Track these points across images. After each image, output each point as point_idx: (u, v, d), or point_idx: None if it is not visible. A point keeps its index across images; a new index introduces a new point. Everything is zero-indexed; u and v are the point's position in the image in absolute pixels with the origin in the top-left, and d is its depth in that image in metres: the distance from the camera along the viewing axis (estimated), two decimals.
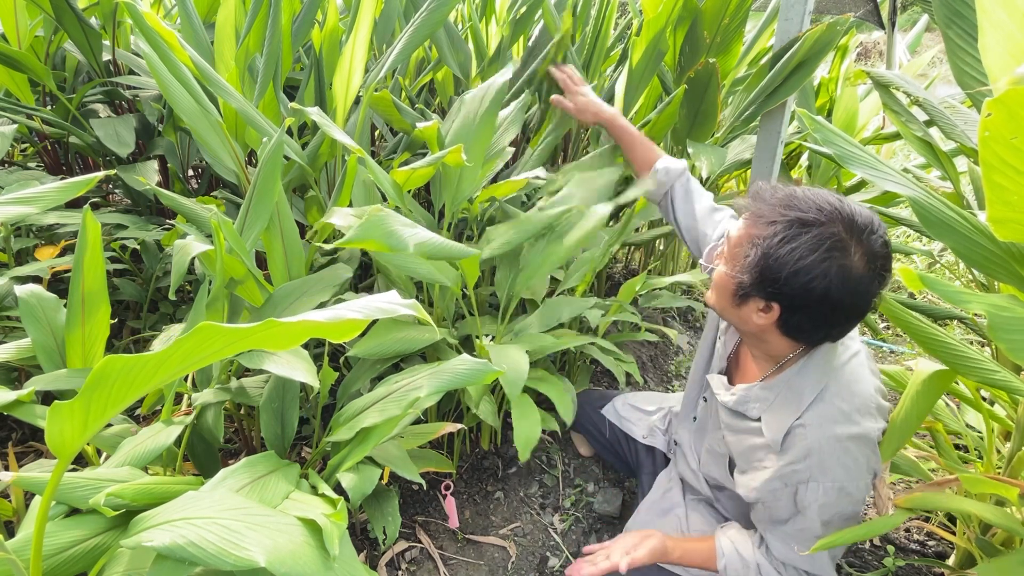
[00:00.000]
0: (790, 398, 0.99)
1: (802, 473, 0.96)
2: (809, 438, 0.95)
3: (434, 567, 1.37)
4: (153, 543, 0.64)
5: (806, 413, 0.96)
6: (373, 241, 0.90)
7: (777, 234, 0.88)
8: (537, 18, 2.34)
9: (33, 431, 1.53)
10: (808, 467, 0.95)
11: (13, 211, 1.01)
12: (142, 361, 0.54)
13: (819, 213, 0.88)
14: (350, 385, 1.31)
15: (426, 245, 0.95)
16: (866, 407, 0.97)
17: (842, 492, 0.95)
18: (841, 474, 0.94)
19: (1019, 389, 0.87)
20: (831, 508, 0.96)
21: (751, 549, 1.07)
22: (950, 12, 1.13)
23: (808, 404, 0.97)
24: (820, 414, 0.96)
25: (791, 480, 0.97)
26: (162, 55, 1.20)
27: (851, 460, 0.94)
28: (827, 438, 0.94)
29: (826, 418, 0.95)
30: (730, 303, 0.98)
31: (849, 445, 0.94)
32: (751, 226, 0.93)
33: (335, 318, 0.56)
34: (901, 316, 0.94)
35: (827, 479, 0.94)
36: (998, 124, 0.65)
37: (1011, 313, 0.75)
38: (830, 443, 0.94)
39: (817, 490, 0.95)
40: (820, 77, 2.71)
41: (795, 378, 0.99)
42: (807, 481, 0.96)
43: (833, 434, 0.94)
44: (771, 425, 1.00)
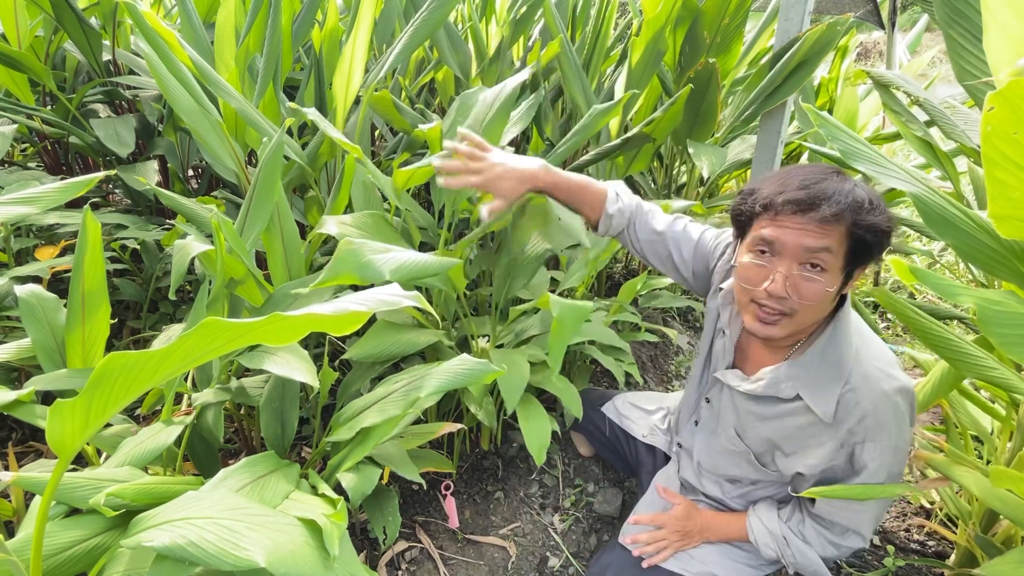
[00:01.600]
0: (828, 368, 0.99)
1: (858, 435, 0.98)
2: (862, 400, 0.96)
3: (434, 567, 1.37)
4: (153, 543, 0.64)
5: (852, 378, 0.97)
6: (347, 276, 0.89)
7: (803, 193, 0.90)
8: (537, 18, 2.34)
9: (33, 431, 1.53)
10: (864, 428, 0.97)
11: (13, 211, 1.01)
12: (144, 358, 0.54)
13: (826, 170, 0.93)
14: (350, 385, 1.31)
15: (403, 269, 0.92)
16: (895, 361, 1.00)
17: (896, 450, 0.98)
18: (895, 430, 0.97)
19: (1018, 387, 0.87)
20: (886, 467, 0.99)
21: (777, 522, 1.11)
22: (952, 11, 1.12)
23: (849, 368, 0.98)
24: (865, 375, 0.97)
25: (848, 442, 1.00)
26: (162, 55, 1.20)
27: (901, 415, 0.97)
28: (879, 396, 0.96)
29: (872, 378, 0.97)
30: (825, 305, 0.96)
31: (898, 400, 0.96)
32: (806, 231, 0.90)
33: (339, 311, 0.56)
34: (903, 311, 0.94)
35: (883, 436, 0.97)
36: (1000, 119, 0.65)
37: (1002, 307, 0.75)
38: (883, 400, 0.96)
39: (874, 450, 0.98)
40: (820, 77, 2.72)
41: (827, 348, 0.99)
42: (863, 442, 0.98)
43: (883, 391, 0.96)
44: (818, 399, 0.99)
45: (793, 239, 0.91)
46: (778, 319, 0.95)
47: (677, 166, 2.42)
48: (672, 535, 1.18)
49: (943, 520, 1.50)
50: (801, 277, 0.92)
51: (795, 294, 0.92)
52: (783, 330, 0.96)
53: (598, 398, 1.59)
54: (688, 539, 1.18)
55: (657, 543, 1.18)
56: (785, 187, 0.92)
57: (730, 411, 1.15)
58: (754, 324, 0.99)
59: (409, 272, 0.94)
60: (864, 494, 0.95)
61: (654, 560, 1.16)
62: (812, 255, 0.90)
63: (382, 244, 0.94)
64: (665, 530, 1.19)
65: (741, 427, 1.13)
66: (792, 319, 0.95)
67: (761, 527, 1.12)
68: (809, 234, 0.89)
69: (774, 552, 1.10)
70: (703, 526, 1.19)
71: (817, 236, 0.89)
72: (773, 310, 0.95)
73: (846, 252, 0.91)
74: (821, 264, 0.90)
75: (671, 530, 1.18)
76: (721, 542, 1.19)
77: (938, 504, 1.54)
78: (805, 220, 0.89)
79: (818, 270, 0.91)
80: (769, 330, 0.97)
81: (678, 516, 1.20)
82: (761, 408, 1.08)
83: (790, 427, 1.05)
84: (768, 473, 1.13)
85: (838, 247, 0.90)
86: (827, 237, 0.89)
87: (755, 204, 0.95)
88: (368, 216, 1.27)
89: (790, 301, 0.93)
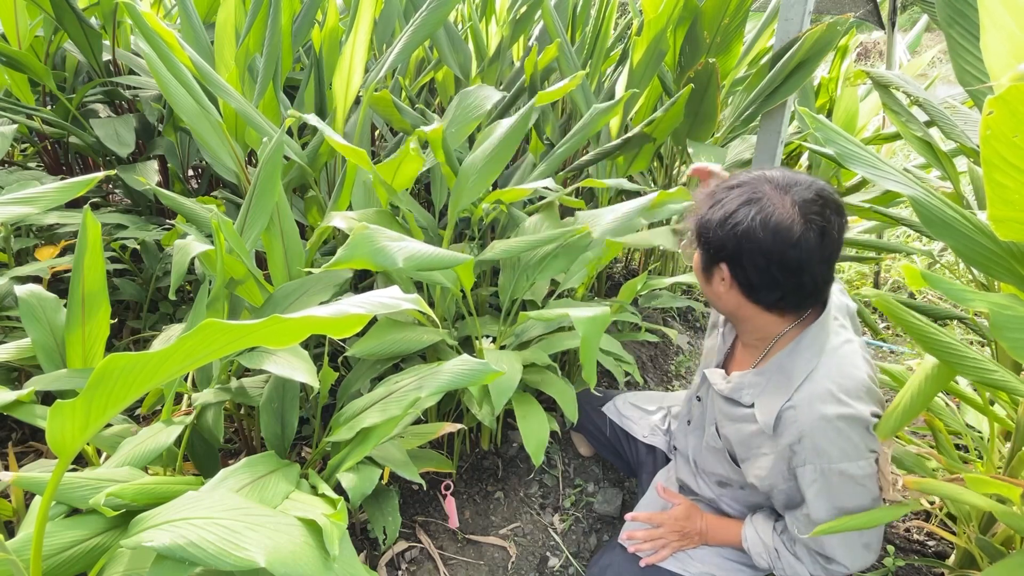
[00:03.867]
0: (781, 381, 1.00)
1: (799, 456, 0.97)
2: (800, 420, 0.95)
3: (434, 567, 1.37)
4: (153, 543, 0.64)
5: (796, 394, 0.97)
6: (361, 260, 0.90)
7: (709, 202, 0.99)
8: (537, 18, 2.34)
9: (33, 431, 1.53)
10: (803, 449, 0.96)
11: (13, 211, 1.01)
12: (144, 359, 0.54)
13: (745, 177, 0.98)
14: (350, 385, 1.31)
15: (416, 258, 0.94)
16: (857, 389, 0.96)
17: (843, 476, 0.94)
18: (837, 455, 0.93)
19: (1017, 389, 0.87)
20: (836, 493, 0.95)
21: (771, 534, 1.10)
22: (953, 11, 1.12)
23: (798, 385, 0.97)
24: (809, 394, 0.96)
25: (791, 463, 0.99)
26: (162, 55, 1.20)
27: (845, 441, 0.93)
28: (817, 418, 0.94)
29: (815, 398, 0.95)
30: (703, 283, 1.05)
31: (841, 425, 0.93)
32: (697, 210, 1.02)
33: (338, 313, 0.56)
34: (899, 314, 0.94)
35: (822, 460, 0.94)
36: (999, 122, 0.65)
37: (1013, 311, 0.74)
38: (820, 424, 0.93)
39: (814, 472, 0.95)
40: (820, 77, 2.71)
41: (786, 360, 1.00)
42: (804, 464, 0.96)
43: (822, 414, 0.93)
44: (763, 409, 1.01)
45: None
46: None
47: (677, 166, 2.42)
48: (671, 535, 1.18)
49: (943, 520, 1.50)
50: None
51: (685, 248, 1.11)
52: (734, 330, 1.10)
53: (598, 398, 1.59)
54: (687, 540, 1.18)
55: (655, 542, 1.18)
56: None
57: (712, 408, 1.18)
58: None
59: (422, 262, 0.95)
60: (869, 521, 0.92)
61: (652, 559, 1.16)
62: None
63: (396, 233, 0.96)
64: (663, 529, 1.19)
65: (720, 424, 1.15)
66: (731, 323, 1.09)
67: (755, 537, 1.12)
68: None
69: (766, 563, 1.10)
70: (703, 529, 1.19)
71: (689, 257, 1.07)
72: None
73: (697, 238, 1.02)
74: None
75: (670, 529, 1.18)
76: (719, 546, 1.18)
77: (938, 504, 1.54)
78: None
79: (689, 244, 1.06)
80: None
81: (677, 516, 1.20)
82: (728, 408, 1.11)
83: (744, 433, 1.07)
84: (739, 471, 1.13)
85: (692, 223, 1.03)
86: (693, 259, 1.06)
87: None
88: (374, 212, 1.28)
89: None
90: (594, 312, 1.04)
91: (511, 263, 1.42)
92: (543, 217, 1.45)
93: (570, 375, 1.84)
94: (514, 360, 1.20)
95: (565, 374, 1.82)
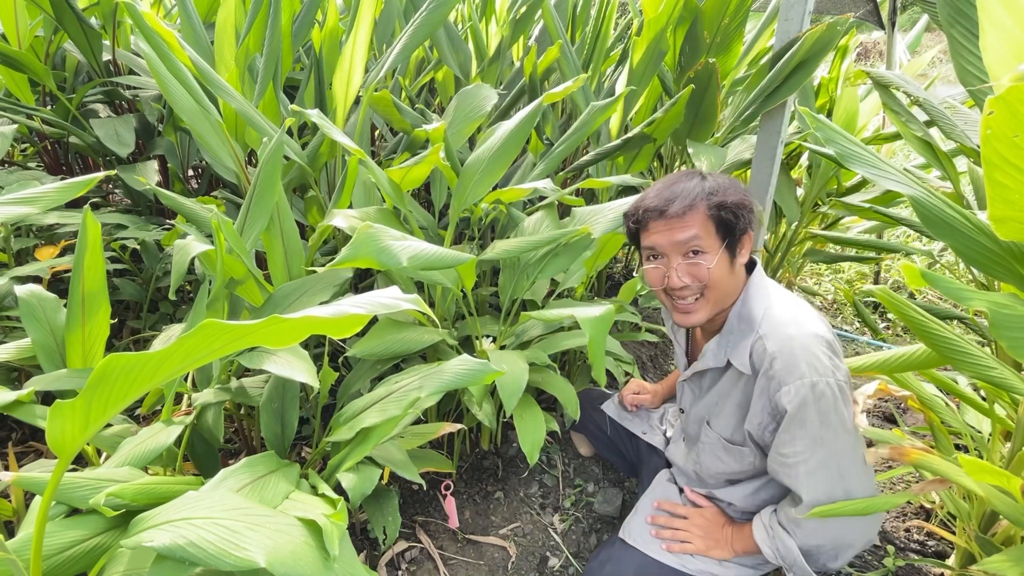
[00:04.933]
0: (743, 327, 1.07)
1: (773, 381, 1.00)
2: (769, 345, 1.02)
3: (434, 567, 1.37)
4: (153, 543, 0.64)
5: (760, 328, 1.05)
6: (365, 259, 0.90)
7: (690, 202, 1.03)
8: (537, 18, 2.34)
9: (33, 431, 1.53)
10: (776, 372, 1.00)
11: (13, 211, 1.01)
12: (144, 359, 0.54)
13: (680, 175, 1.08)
14: (350, 385, 1.31)
15: (419, 257, 0.95)
16: (810, 313, 1.06)
17: (815, 389, 0.97)
18: (806, 369, 0.98)
19: (1017, 387, 0.87)
20: (814, 411, 0.97)
21: (769, 515, 1.11)
22: (954, 11, 1.13)
23: (759, 321, 1.05)
24: (771, 323, 1.04)
25: (767, 392, 1.02)
26: (162, 55, 1.20)
27: (812, 356, 0.98)
28: (784, 339, 1.01)
29: (777, 325, 1.03)
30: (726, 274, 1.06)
31: (806, 342, 1.00)
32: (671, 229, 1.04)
33: (338, 313, 0.56)
34: (901, 308, 0.94)
35: (794, 377, 0.98)
36: (1000, 122, 0.65)
37: (1012, 311, 0.75)
38: (788, 343, 1.00)
39: (789, 392, 0.98)
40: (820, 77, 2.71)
41: (742, 309, 1.08)
42: (779, 387, 0.99)
43: (788, 334, 1.01)
44: (736, 354, 1.07)
45: (666, 239, 1.05)
46: (694, 304, 1.07)
47: (677, 166, 2.42)
48: (695, 529, 1.17)
49: (943, 520, 1.50)
50: (687, 264, 1.05)
51: (691, 280, 1.05)
52: (703, 312, 1.07)
53: (598, 398, 1.59)
54: (715, 545, 1.15)
55: (677, 532, 1.17)
56: (643, 200, 1.08)
57: (698, 407, 1.20)
58: (679, 317, 1.10)
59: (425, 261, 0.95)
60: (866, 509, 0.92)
61: (674, 548, 1.15)
62: (687, 244, 1.03)
63: (399, 232, 0.96)
64: (687, 522, 1.18)
65: (709, 416, 1.17)
66: (706, 299, 1.06)
67: (759, 524, 1.12)
68: (675, 230, 1.03)
69: (771, 551, 1.08)
70: (732, 536, 1.16)
71: (680, 228, 1.03)
72: (685, 297, 1.07)
73: (715, 229, 1.03)
74: (698, 248, 1.03)
75: (695, 524, 1.17)
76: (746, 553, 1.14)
77: (938, 504, 1.54)
78: (666, 220, 1.04)
79: (699, 254, 1.04)
80: (691, 318, 1.08)
81: (706, 516, 1.19)
82: (716, 387, 1.14)
83: (739, 393, 1.10)
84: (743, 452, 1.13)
85: (704, 229, 1.03)
86: (689, 226, 1.03)
87: (631, 222, 1.11)
88: (375, 211, 1.28)
89: (692, 286, 1.05)
90: (599, 312, 1.05)
91: (511, 263, 1.42)
92: (543, 217, 1.45)
93: (570, 375, 1.84)
94: (519, 360, 1.20)
95: (565, 373, 1.82)
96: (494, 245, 1.31)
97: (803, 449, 0.99)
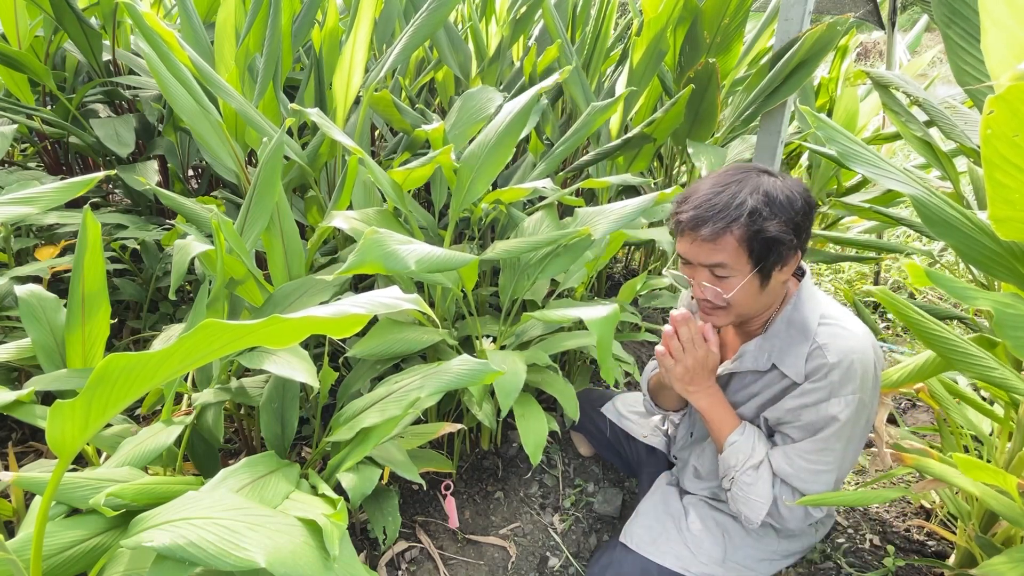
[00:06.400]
0: (794, 334, 1.05)
1: (824, 390, 1.01)
2: (829, 354, 1.00)
3: (434, 567, 1.37)
4: (153, 543, 0.64)
5: (817, 338, 1.03)
6: (371, 264, 0.90)
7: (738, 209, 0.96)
8: (537, 18, 2.34)
9: (33, 431, 1.53)
10: (830, 383, 1.00)
11: (13, 211, 1.01)
12: (144, 359, 0.54)
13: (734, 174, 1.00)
14: (350, 385, 1.31)
15: (427, 260, 0.96)
16: (862, 327, 1.04)
17: (860, 404, 1.00)
18: (858, 384, 1.00)
19: (1017, 387, 0.87)
20: (851, 424, 1.00)
21: (763, 448, 1.08)
22: (949, 12, 1.12)
23: (814, 329, 1.03)
24: (831, 333, 1.02)
25: (813, 399, 1.02)
26: (162, 55, 1.20)
27: (865, 373, 1.00)
28: (844, 351, 1.00)
29: (838, 335, 1.02)
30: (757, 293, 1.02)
31: (864, 357, 1.00)
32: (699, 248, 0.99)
33: (338, 313, 0.56)
34: (901, 309, 0.94)
35: (848, 391, 0.99)
36: (1000, 121, 0.65)
37: (1016, 310, 0.75)
38: (848, 356, 0.99)
39: (840, 404, 1.00)
40: (820, 77, 2.71)
41: (793, 315, 1.06)
42: (829, 398, 1.00)
43: (849, 347, 1.00)
44: (788, 362, 1.05)
45: (693, 254, 1.01)
46: (714, 311, 1.05)
47: (677, 166, 2.42)
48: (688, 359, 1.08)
49: (943, 520, 1.50)
50: (711, 284, 1.01)
51: (712, 297, 1.02)
52: (723, 320, 1.06)
53: (598, 398, 1.59)
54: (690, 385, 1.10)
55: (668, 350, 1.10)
56: (683, 206, 1.01)
57: None
58: (702, 315, 1.09)
59: (432, 264, 0.96)
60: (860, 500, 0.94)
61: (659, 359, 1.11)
62: (711, 267, 0.99)
63: (404, 236, 0.96)
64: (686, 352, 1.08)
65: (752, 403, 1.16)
66: (727, 311, 1.04)
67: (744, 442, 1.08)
68: (702, 251, 0.99)
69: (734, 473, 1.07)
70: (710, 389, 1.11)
71: (709, 252, 0.98)
72: (706, 307, 1.06)
73: (747, 256, 0.97)
74: (724, 274, 0.99)
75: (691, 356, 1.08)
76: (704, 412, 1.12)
77: (938, 504, 1.54)
78: (695, 238, 0.99)
79: (723, 279, 1.00)
80: (712, 319, 1.07)
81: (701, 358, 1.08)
82: (748, 388, 1.13)
83: (771, 394, 1.10)
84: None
85: (735, 256, 0.97)
86: (718, 252, 0.97)
87: (670, 220, 1.06)
88: (375, 212, 1.28)
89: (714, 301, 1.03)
90: (606, 312, 1.04)
91: (511, 263, 1.42)
92: (543, 217, 1.45)
93: (570, 375, 1.84)
94: (518, 360, 1.20)
95: (565, 374, 1.82)
96: (494, 245, 1.31)
97: (832, 460, 1.03)
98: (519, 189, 1.36)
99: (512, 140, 1.32)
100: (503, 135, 1.31)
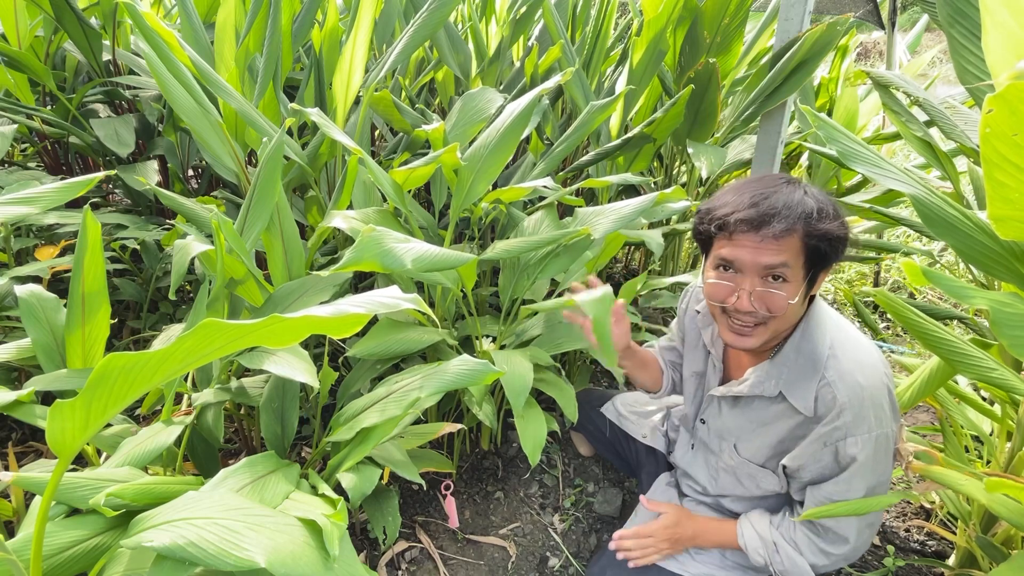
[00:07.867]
0: (804, 364, 1.00)
1: (839, 430, 0.96)
2: (839, 394, 0.96)
3: (434, 567, 1.37)
4: (153, 543, 0.64)
5: (826, 372, 0.98)
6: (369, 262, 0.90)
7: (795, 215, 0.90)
8: (537, 18, 2.34)
9: (33, 431, 1.53)
10: (844, 423, 0.96)
11: (13, 211, 1.01)
12: (144, 359, 0.54)
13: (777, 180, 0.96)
14: (350, 385, 1.31)
15: (423, 259, 0.95)
16: (875, 358, 0.99)
17: (879, 439, 0.96)
18: (874, 423, 0.96)
19: (1017, 388, 0.87)
20: (872, 460, 0.96)
21: (768, 528, 1.09)
22: (953, 11, 1.12)
23: (823, 361, 0.98)
24: (840, 369, 0.97)
25: (830, 439, 0.98)
26: (162, 55, 1.20)
27: (879, 408, 0.96)
28: (855, 388, 0.95)
29: (846, 372, 0.97)
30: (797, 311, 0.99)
31: (875, 393, 0.96)
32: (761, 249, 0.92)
33: (338, 313, 0.56)
34: (901, 311, 0.94)
35: (863, 430, 0.95)
36: (999, 120, 0.65)
37: (1013, 309, 0.75)
38: (859, 393, 0.95)
39: (857, 444, 0.96)
40: (820, 77, 2.71)
41: (802, 343, 1.00)
42: (845, 437, 0.96)
43: (858, 383, 0.95)
44: (797, 394, 1.01)
45: (751, 257, 0.93)
46: (751, 329, 0.98)
47: (677, 166, 2.42)
48: (662, 543, 1.16)
49: (943, 520, 1.50)
50: (763, 291, 0.94)
51: (761, 307, 0.95)
52: (759, 339, 0.98)
53: (598, 398, 1.59)
54: (677, 546, 1.16)
55: (644, 549, 1.16)
56: (737, 206, 0.93)
57: (726, 424, 1.16)
58: (730, 336, 1.01)
59: (429, 262, 0.95)
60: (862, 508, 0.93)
61: (639, 562, 1.15)
62: (772, 270, 0.93)
63: (402, 235, 0.96)
64: (653, 539, 1.17)
65: (738, 439, 1.13)
66: (766, 327, 0.98)
67: (752, 532, 1.11)
68: (765, 252, 0.92)
69: (762, 559, 1.09)
70: (694, 533, 1.17)
71: (773, 252, 0.92)
72: (746, 322, 0.98)
73: (804, 261, 0.93)
74: (782, 276, 0.93)
75: (660, 539, 1.16)
76: (713, 548, 1.17)
77: (938, 504, 1.54)
78: (758, 238, 0.91)
79: (780, 282, 0.94)
80: (745, 341, 0.99)
81: (667, 524, 1.17)
82: (756, 413, 1.09)
83: (784, 428, 1.06)
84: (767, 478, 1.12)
85: (795, 258, 0.92)
86: (783, 252, 0.91)
87: (712, 224, 0.97)
88: (374, 212, 1.28)
89: (759, 312, 0.95)
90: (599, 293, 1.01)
91: (511, 263, 1.42)
92: (543, 217, 1.45)
93: (570, 375, 1.84)
94: (523, 359, 1.20)
95: (565, 374, 1.82)
96: (494, 245, 1.31)
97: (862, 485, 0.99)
98: (519, 189, 1.36)
99: (513, 141, 1.32)
100: (504, 136, 1.31)
